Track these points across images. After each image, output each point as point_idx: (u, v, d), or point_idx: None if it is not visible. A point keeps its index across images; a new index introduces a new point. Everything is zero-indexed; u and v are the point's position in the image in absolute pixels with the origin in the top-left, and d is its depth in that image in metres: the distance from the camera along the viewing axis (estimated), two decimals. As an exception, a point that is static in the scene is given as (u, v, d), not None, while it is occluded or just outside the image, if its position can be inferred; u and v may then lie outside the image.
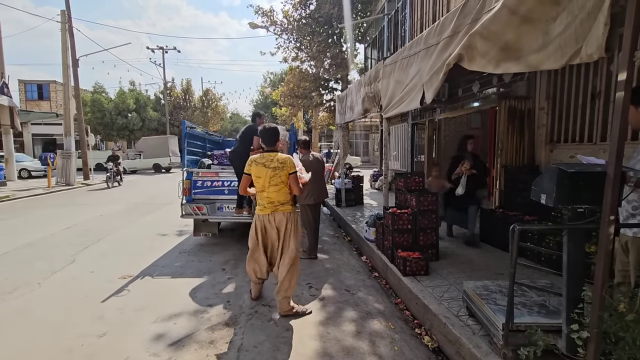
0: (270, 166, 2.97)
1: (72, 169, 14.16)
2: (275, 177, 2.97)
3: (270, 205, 3.03)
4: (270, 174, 2.96)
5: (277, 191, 3.01)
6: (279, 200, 3.04)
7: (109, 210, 8.32)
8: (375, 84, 5.08)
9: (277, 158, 3.00)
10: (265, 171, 2.97)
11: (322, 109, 12.83)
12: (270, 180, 2.97)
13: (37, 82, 28.94)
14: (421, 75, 3.69)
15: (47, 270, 4.13)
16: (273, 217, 3.05)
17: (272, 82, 33.52)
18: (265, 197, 3.03)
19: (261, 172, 2.98)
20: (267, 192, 3.01)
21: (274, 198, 3.02)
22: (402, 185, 4.62)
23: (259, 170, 2.98)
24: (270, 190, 3.00)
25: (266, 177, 2.97)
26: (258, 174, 2.99)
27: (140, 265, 4.34)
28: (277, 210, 3.04)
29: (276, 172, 2.97)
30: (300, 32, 11.22)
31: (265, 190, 3.00)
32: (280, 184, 3.00)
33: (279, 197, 3.03)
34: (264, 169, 2.97)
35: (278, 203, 3.04)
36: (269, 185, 2.98)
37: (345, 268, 4.36)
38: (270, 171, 2.96)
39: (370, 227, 5.02)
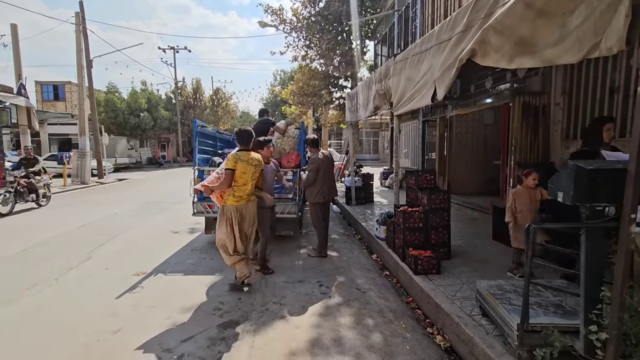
0: (252, 164, 3.45)
1: (86, 168, 14.46)
2: (255, 172, 3.50)
3: (247, 197, 3.49)
4: (253, 170, 3.46)
5: (254, 184, 3.54)
6: (253, 192, 3.58)
7: (122, 208, 8.47)
8: (386, 81, 5.04)
9: (255, 157, 3.54)
10: (249, 168, 3.42)
11: (332, 107, 12.78)
12: (252, 176, 3.46)
13: (52, 83, 29.61)
14: (432, 71, 3.64)
15: (64, 267, 4.23)
16: (248, 207, 3.51)
17: (282, 80, 33.58)
18: (245, 190, 3.46)
19: (246, 169, 3.41)
20: (248, 185, 3.45)
21: (251, 190, 3.52)
22: (413, 183, 4.57)
23: (245, 167, 3.40)
24: (250, 184, 3.47)
25: (249, 173, 3.43)
26: (244, 170, 3.40)
27: (153, 262, 4.41)
28: (250, 201, 3.55)
29: (256, 169, 3.50)
30: (310, 30, 11.18)
31: (247, 183, 3.44)
32: (256, 178, 3.57)
33: (253, 189, 3.57)
34: (249, 166, 3.42)
35: (251, 194, 3.56)
36: (251, 179, 3.45)
37: (356, 266, 4.35)
38: (253, 168, 3.45)
39: (381, 226, 4.99)
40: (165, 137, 31.62)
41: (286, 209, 5.02)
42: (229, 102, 32.49)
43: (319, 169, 4.59)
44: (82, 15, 15.25)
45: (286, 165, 5.24)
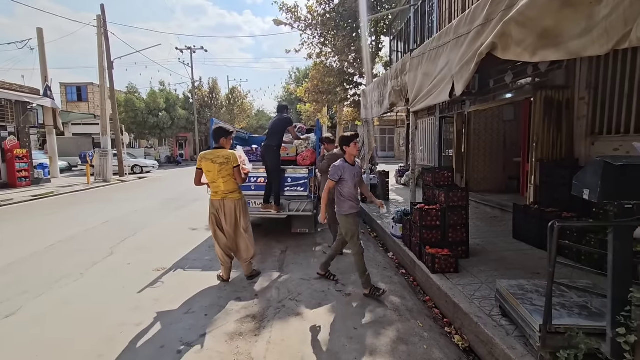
0: (217, 162, 3.45)
1: (108, 167, 14.92)
2: (222, 170, 3.48)
3: (221, 193, 3.56)
4: (218, 169, 3.46)
5: (225, 182, 3.52)
6: (227, 189, 3.56)
7: (143, 205, 8.71)
8: (402, 77, 4.98)
9: (222, 154, 3.49)
10: (213, 166, 3.46)
11: (347, 105, 12.71)
12: (219, 173, 3.47)
13: (76, 84, 30.67)
14: (450, 66, 3.57)
15: (88, 262, 4.38)
16: (223, 203, 3.58)
17: (297, 78, 33.65)
18: (216, 187, 3.55)
19: (210, 167, 3.47)
20: (217, 183, 3.52)
21: (223, 188, 3.54)
22: (430, 180, 4.51)
23: (208, 165, 3.48)
24: (220, 182, 3.51)
25: (214, 171, 3.47)
26: (208, 168, 3.49)
27: (172, 258, 4.51)
28: (227, 198, 3.58)
29: (222, 167, 3.47)
30: (325, 27, 11.14)
31: (216, 181, 3.52)
32: (227, 176, 3.51)
33: (227, 187, 3.55)
34: (212, 164, 3.46)
35: (227, 191, 3.57)
36: (218, 177, 3.49)
37: (372, 264, 4.33)
38: (218, 166, 3.45)
39: (397, 224, 4.94)
40: (183, 136, 32.28)
41: (301, 206, 5.04)
42: (244, 101, 32.82)
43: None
44: (104, 18, 15.68)
45: (301, 163, 5.26)
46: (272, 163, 4.95)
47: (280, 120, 5.10)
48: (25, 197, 10.13)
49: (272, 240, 5.33)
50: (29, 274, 4.01)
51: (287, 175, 5.14)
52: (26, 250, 4.89)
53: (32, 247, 5.04)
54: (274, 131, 5.07)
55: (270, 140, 5.04)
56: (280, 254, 4.72)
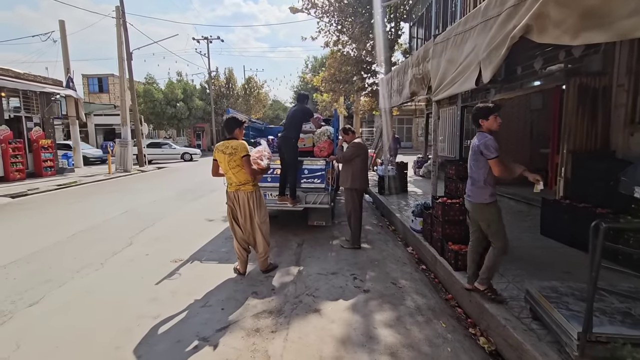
0: (226, 152, 3.41)
1: (128, 157, 15.23)
2: (231, 161, 3.41)
3: (235, 184, 3.52)
4: (227, 159, 3.41)
5: (236, 173, 3.46)
6: (239, 180, 3.50)
7: (161, 195, 8.83)
8: (424, 64, 4.75)
9: (231, 145, 3.42)
10: (223, 157, 3.43)
11: (364, 94, 12.43)
12: (228, 164, 3.42)
13: (97, 75, 31.33)
14: (477, 52, 3.36)
15: (109, 252, 4.44)
16: (237, 195, 3.53)
17: (313, 67, 33.26)
18: (229, 178, 3.53)
19: (221, 158, 3.46)
20: (229, 174, 3.49)
21: (234, 179, 3.49)
22: (453, 173, 4.31)
23: (219, 156, 3.46)
24: (230, 173, 3.46)
25: (225, 162, 3.43)
26: (219, 159, 3.48)
27: (189, 249, 4.52)
28: (240, 190, 3.52)
29: (231, 157, 3.40)
30: (342, 14, 10.85)
31: (228, 172, 3.48)
32: (236, 167, 3.43)
33: (239, 178, 3.48)
34: (222, 154, 3.43)
35: (239, 183, 3.50)
36: (229, 168, 3.44)
37: (391, 259, 4.21)
38: (227, 157, 3.41)
39: (417, 217, 4.78)
40: (200, 126, 32.62)
41: (318, 198, 4.95)
42: (260, 91, 32.76)
43: (358, 152, 4.50)
44: (122, 9, 15.80)
45: (318, 155, 5.14)
46: (289, 155, 4.85)
47: (300, 111, 4.97)
48: (50, 187, 10.46)
49: (288, 232, 5.27)
50: (52, 263, 4.09)
51: (304, 166, 5.04)
52: (50, 239, 5.01)
53: (56, 236, 5.16)
54: (293, 122, 4.95)
55: (288, 131, 4.93)
56: (297, 247, 4.66)
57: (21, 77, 11.84)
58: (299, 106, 5.03)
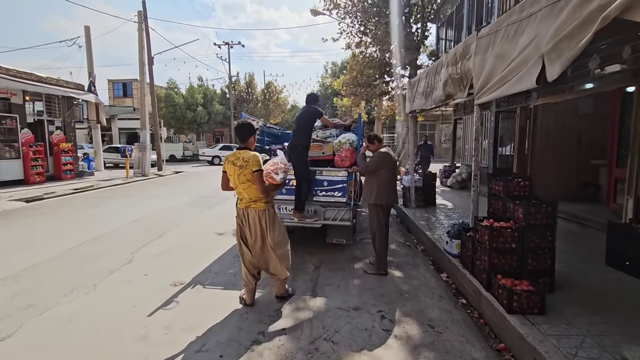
0: (236, 164, 2.96)
1: (147, 161, 15.15)
2: (241, 175, 2.95)
3: (245, 200, 3.05)
4: (237, 172, 2.96)
5: (246, 189, 3.00)
6: (249, 197, 3.03)
7: (174, 203, 8.49)
8: (464, 63, 4.11)
9: (242, 156, 2.96)
10: (233, 169, 2.98)
11: (387, 98, 11.79)
12: (238, 178, 2.97)
13: (122, 80, 32.13)
14: (539, 43, 2.73)
15: (105, 270, 4.02)
16: (247, 213, 3.07)
17: (333, 72, 32.86)
18: (239, 193, 3.07)
19: (231, 170, 3.01)
20: (238, 189, 3.03)
21: (245, 195, 3.03)
22: (500, 190, 3.63)
23: (229, 168, 3.01)
24: (240, 188, 3.01)
25: (235, 175, 2.98)
26: (229, 171, 3.03)
27: (193, 269, 4.04)
28: (250, 207, 3.05)
29: (241, 170, 2.95)
30: (366, 14, 10.30)
31: (237, 187, 3.02)
32: (246, 182, 2.97)
33: (249, 194, 3.02)
34: (233, 166, 2.98)
35: (250, 200, 3.03)
36: (239, 183, 2.98)
37: (424, 290, 3.56)
38: (237, 169, 2.95)
39: (453, 239, 4.11)
40: (220, 130, 32.78)
41: (339, 215, 4.36)
42: (279, 96, 32.62)
43: (384, 164, 3.89)
44: (145, 13, 15.87)
45: (339, 164, 4.57)
46: (298, 165, 4.32)
47: (307, 113, 4.45)
48: (67, 190, 10.37)
49: (304, 251, 4.70)
50: (42, 282, 3.69)
51: (323, 178, 4.49)
52: (50, 251, 4.66)
53: (57, 247, 4.81)
54: (300, 127, 4.44)
55: (296, 138, 4.42)
56: (314, 270, 4.09)
57: (43, 81, 11.92)
58: (306, 108, 4.52)
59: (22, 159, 11.34)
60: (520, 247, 3.15)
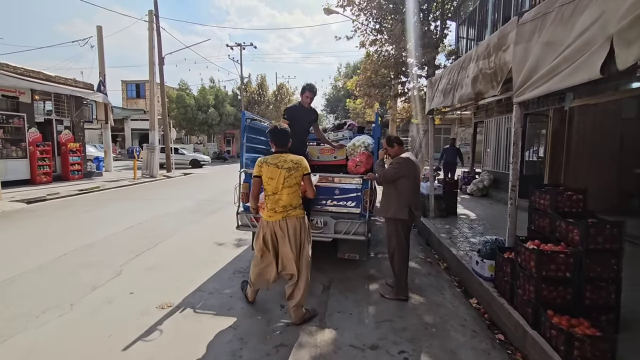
0: (284, 167, 2.78)
1: (155, 162, 14.90)
2: (289, 178, 2.79)
3: (282, 210, 2.82)
4: (285, 175, 2.78)
5: (291, 194, 2.82)
6: (291, 203, 2.84)
7: (178, 206, 8.09)
8: (500, 55, 3.54)
9: (291, 158, 2.83)
10: (278, 172, 2.78)
11: (403, 100, 11.19)
12: (285, 182, 2.78)
13: (135, 82, 32.33)
14: (606, 22, 2.19)
15: (88, 285, 3.57)
16: (285, 224, 2.83)
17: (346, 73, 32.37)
18: (277, 201, 2.81)
19: (274, 174, 2.79)
20: (279, 194, 2.80)
21: (287, 201, 2.82)
22: (545, 203, 3.04)
23: (272, 171, 2.79)
24: (284, 192, 2.80)
25: (280, 179, 2.78)
26: (271, 175, 2.79)
27: (185, 287, 3.56)
28: (290, 216, 2.84)
29: (291, 173, 2.79)
30: (382, 11, 9.76)
31: (278, 192, 2.80)
32: (294, 185, 2.83)
33: (292, 200, 2.84)
34: (277, 169, 2.78)
35: (290, 207, 2.84)
36: (283, 187, 2.78)
37: (453, 323, 2.99)
38: (285, 172, 2.78)
39: (486, 260, 3.53)
40: (231, 132, 32.59)
41: (351, 228, 3.82)
42: (291, 98, 32.30)
43: (405, 172, 3.34)
44: (156, 13, 15.69)
45: (353, 170, 4.04)
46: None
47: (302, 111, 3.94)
48: (71, 191, 10.10)
49: (311, 268, 4.18)
50: (15, 299, 3.27)
51: (334, 185, 3.97)
52: (35, 260, 4.27)
53: (44, 255, 4.42)
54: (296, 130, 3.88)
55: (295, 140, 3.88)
56: (322, 291, 3.56)
57: (52, 80, 11.76)
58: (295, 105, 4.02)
59: (28, 158, 11.17)
60: (576, 277, 2.56)
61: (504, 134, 9.07)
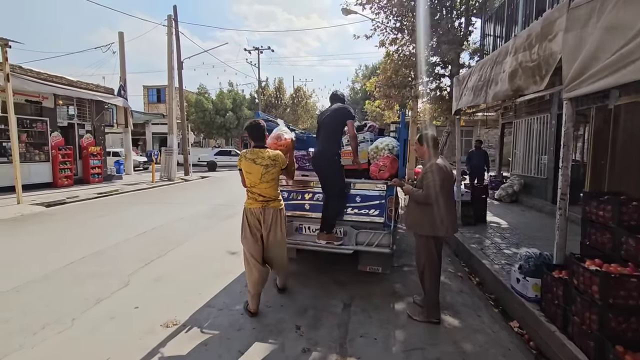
0: (262, 163, 2.92)
1: (173, 165, 14.95)
2: (267, 174, 2.94)
3: (262, 200, 2.99)
4: (262, 171, 2.92)
5: (268, 188, 2.99)
6: (269, 195, 3.01)
7: (193, 211, 7.93)
8: (545, 45, 3.12)
9: (268, 155, 2.96)
10: (255, 168, 2.92)
11: (425, 101, 10.71)
12: (262, 177, 2.93)
13: (156, 87, 33.00)
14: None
15: (93, 297, 3.36)
16: (264, 211, 3.00)
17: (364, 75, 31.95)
18: (255, 192, 2.99)
19: (251, 169, 2.94)
20: (257, 188, 2.97)
21: (265, 194, 2.99)
22: (607, 215, 2.60)
23: (249, 166, 2.94)
24: (262, 186, 2.96)
25: (257, 174, 2.93)
26: (248, 169, 2.96)
27: (194, 301, 3.30)
28: (268, 206, 3.01)
29: (268, 170, 2.94)
30: (403, 7, 9.37)
31: (256, 186, 2.97)
32: (271, 180, 2.98)
33: (270, 192, 3.01)
34: (254, 165, 2.92)
35: (269, 198, 3.01)
36: (262, 181, 2.94)
37: (494, 352, 2.58)
38: (262, 168, 2.92)
39: (529, 277, 3.09)
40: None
41: (374, 239, 3.46)
42: (308, 101, 32.16)
43: (442, 183, 2.94)
44: (175, 18, 15.84)
45: (376, 175, 3.67)
46: (332, 181, 3.50)
47: (337, 112, 3.59)
48: (90, 195, 10.16)
49: (330, 280, 3.85)
50: (15, 313, 3.08)
51: (354, 192, 3.63)
52: (43, 268, 4.12)
53: (53, 263, 4.28)
54: (328, 131, 3.57)
55: (323, 145, 3.54)
56: (343, 309, 3.21)
57: (73, 85, 11.96)
58: (336, 107, 3.65)
59: (51, 162, 11.35)
60: (650, 306, 2.12)
61: (535, 135, 8.47)
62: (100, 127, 13.83)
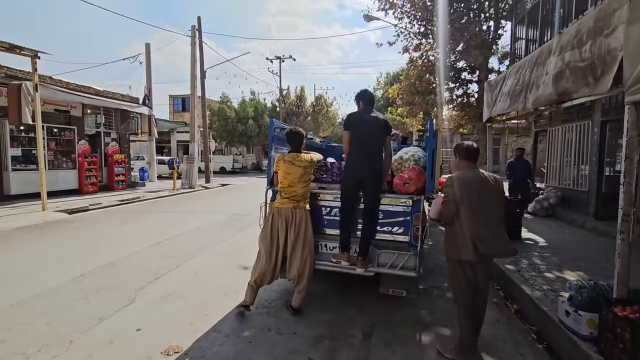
0: (300, 165, 3.17)
1: (194, 173, 15.07)
2: (305, 174, 3.19)
3: (294, 200, 3.17)
4: (301, 172, 3.17)
5: (304, 187, 3.21)
6: (303, 195, 3.21)
7: (210, 220, 7.80)
8: (600, 41, 2.69)
9: (305, 158, 3.24)
10: (294, 169, 3.16)
11: (451, 107, 10.20)
12: (301, 177, 3.17)
13: (181, 96, 33.91)
14: None
15: (95, 316, 3.17)
16: (295, 212, 3.16)
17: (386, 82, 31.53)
18: (292, 192, 3.17)
19: (290, 169, 3.15)
20: (295, 187, 3.16)
21: (300, 193, 3.18)
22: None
23: (288, 167, 3.16)
24: (299, 185, 3.17)
25: (296, 174, 3.16)
26: (287, 170, 3.16)
27: (199, 323, 3.04)
28: (299, 207, 3.18)
29: (307, 170, 3.20)
30: (427, 12, 9.01)
31: (295, 185, 3.16)
32: (308, 180, 3.24)
33: (304, 192, 3.22)
34: (293, 166, 3.16)
35: (302, 199, 3.20)
36: (300, 181, 3.17)
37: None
38: (301, 169, 3.17)
39: (582, 312, 2.63)
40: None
41: (398, 260, 3.09)
42: (329, 109, 32.05)
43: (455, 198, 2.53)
44: (199, 29, 16.15)
45: (401, 189, 3.31)
46: (375, 192, 3.17)
47: (379, 124, 3.23)
48: (113, 202, 10.30)
49: (348, 305, 3.50)
50: (13, 332, 2.91)
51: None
52: (53, 280, 4.01)
53: (64, 275, 4.17)
54: (372, 139, 3.19)
55: (367, 154, 3.15)
56: (362, 340, 2.85)
57: (100, 95, 12.29)
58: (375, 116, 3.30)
59: (77, 169, 11.64)
60: None
61: (575, 144, 7.81)
62: (125, 135, 14.15)
